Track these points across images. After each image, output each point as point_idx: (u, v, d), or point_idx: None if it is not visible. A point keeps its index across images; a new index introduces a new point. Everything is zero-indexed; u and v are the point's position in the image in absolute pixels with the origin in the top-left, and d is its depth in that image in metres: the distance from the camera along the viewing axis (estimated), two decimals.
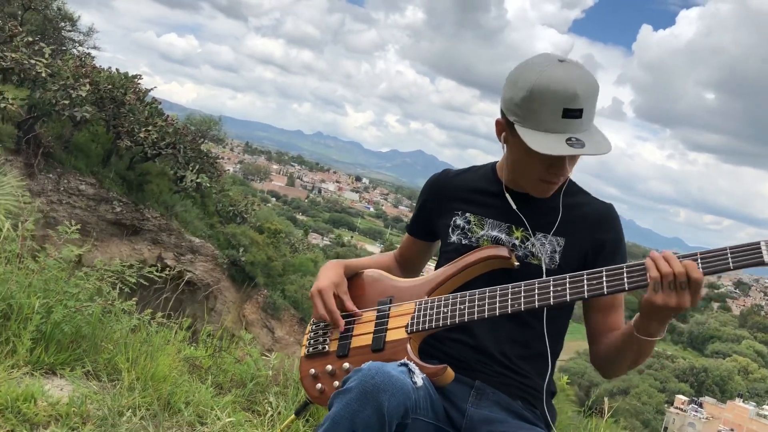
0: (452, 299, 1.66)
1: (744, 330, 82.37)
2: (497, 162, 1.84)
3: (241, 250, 20.87)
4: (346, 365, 1.68)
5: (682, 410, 51.69)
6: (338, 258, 2.03)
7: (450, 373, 1.58)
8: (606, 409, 3.49)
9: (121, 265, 3.37)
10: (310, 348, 1.81)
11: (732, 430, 48.07)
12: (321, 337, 1.81)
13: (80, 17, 21.83)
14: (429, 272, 1.84)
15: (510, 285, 1.60)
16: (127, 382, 2.71)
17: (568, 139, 1.52)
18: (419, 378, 1.47)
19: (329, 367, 1.72)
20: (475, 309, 1.61)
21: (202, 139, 22.61)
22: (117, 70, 17.85)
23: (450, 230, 1.81)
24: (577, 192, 1.79)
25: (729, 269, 1.40)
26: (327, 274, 1.84)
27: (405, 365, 1.48)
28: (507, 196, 1.73)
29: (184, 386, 2.88)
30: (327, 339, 1.79)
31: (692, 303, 1.43)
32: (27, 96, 15.31)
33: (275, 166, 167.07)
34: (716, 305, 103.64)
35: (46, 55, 15.12)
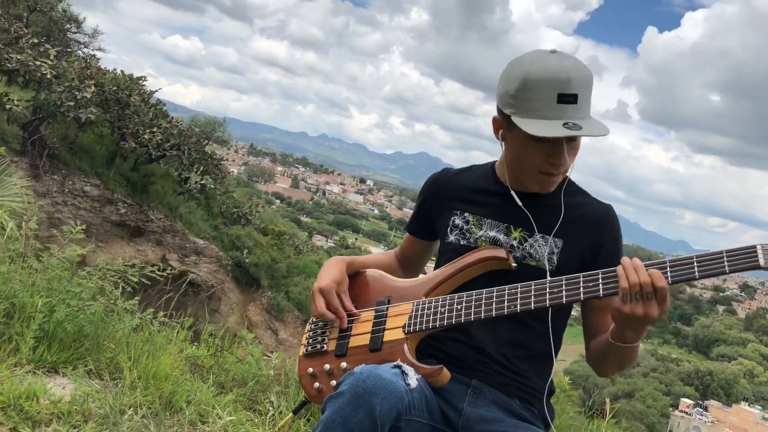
0: (449, 300, 1.66)
1: (749, 333, 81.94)
2: (496, 161, 1.84)
3: (245, 252, 20.89)
4: (344, 365, 1.68)
5: (687, 414, 51.45)
6: None
7: (446, 374, 1.58)
8: (607, 411, 3.49)
9: (124, 265, 3.38)
10: (309, 347, 1.81)
11: None
12: (320, 336, 1.81)
13: (85, 19, 21.93)
14: (430, 272, 1.84)
15: (507, 286, 1.60)
16: (129, 381, 2.73)
17: (565, 123, 1.53)
18: (413, 379, 1.47)
19: (327, 366, 1.71)
20: (472, 310, 1.61)
21: (207, 141, 22.64)
22: (122, 72, 17.91)
23: (448, 230, 1.81)
24: (577, 192, 1.79)
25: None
26: (329, 272, 1.84)
27: (398, 367, 1.48)
28: (513, 194, 1.73)
29: (186, 385, 2.90)
30: (326, 338, 1.79)
31: (660, 313, 1.43)
32: (32, 97, 15.40)
33: (280, 168, 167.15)
34: (722, 308, 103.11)
35: (52, 57, 15.19)
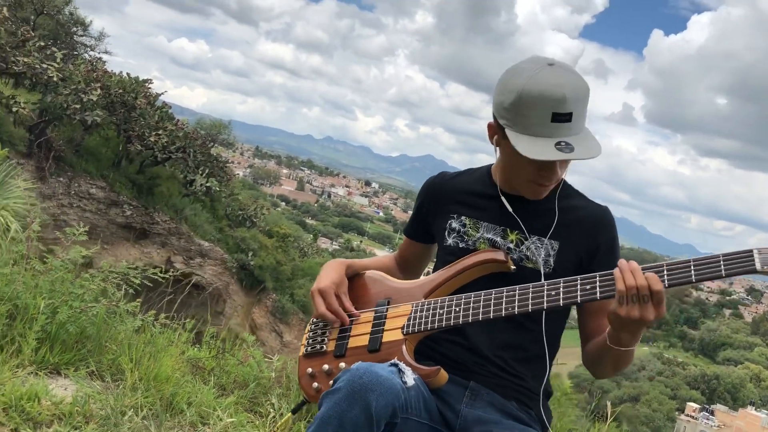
0: (448, 302, 1.67)
1: (756, 337, 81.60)
2: (492, 165, 1.84)
3: (250, 254, 20.93)
4: (343, 365, 1.69)
5: (693, 418, 51.23)
6: None
7: (443, 375, 1.59)
8: (609, 414, 3.48)
9: (126, 267, 3.40)
10: (308, 347, 1.82)
11: None
12: (319, 337, 1.82)
13: (92, 22, 22.02)
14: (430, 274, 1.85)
15: (505, 288, 1.61)
16: (130, 382, 2.74)
17: (557, 144, 1.52)
18: (410, 378, 1.47)
19: (326, 367, 1.72)
20: (470, 312, 1.62)
21: (212, 143, 22.71)
22: (128, 75, 17.96)
23: (446, 233, 1.81)
24: (573, 195, 1.79)
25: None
26: (328, 274, 1.86)
27: (395, 365, 1.49)
28: (502, 199, 1.74)
29: (187, 387, 2.90)
30: (325, 339, 1.80)
31: (656, 316, 1.43)
32: (39, 100, 15.46)
33: (285, 171, 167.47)
34: (728, 312, 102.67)
35: (58, 60, 15.27)
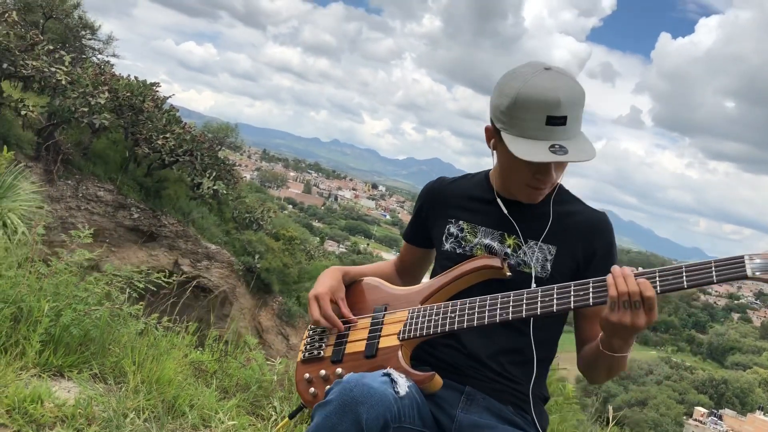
0: (444, 308, 1.68)
1: (765, 342, 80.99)
2: (490, 170, 1.85)
3: (257, 257, 20.96)
4: (340, 370, 1.70)
5: (702, 422, 50.90)
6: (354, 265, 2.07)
7: (438, 381, 1.60)
8: (610, 418, 3.48)
9: (131, 271, 3.42)
10: (306, 353, 1.83)
11: None
12: (317, 343, 1.83)
13: (101, 26, 22.16)
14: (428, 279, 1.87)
15: (500, 294, 1.62)
16: (133, 385, 2.76)
17: (552, 146, 1.54)
18: (403, 387, 1.48)
19: (323, 372, 1.73)
20: (465, 317, 1.63)
21: (219, 146, 22.77)
22: (136, 78, 18.04)
23: (444, 238, 1.83)
24: (569, 200, 1.80)
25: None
26: (325, 281, 1.87)
27: (388, 375, 1.50)
28: (499, 202, 1.75)
29: (189, 390, 2.93)
30: (323, 344, 1.81)
31: (647, 322, 1.44)
32: (47, 103, 15.56)
33: (292, 174, 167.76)
34: (737, 316, 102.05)
35: (66, 63, 15.34)
